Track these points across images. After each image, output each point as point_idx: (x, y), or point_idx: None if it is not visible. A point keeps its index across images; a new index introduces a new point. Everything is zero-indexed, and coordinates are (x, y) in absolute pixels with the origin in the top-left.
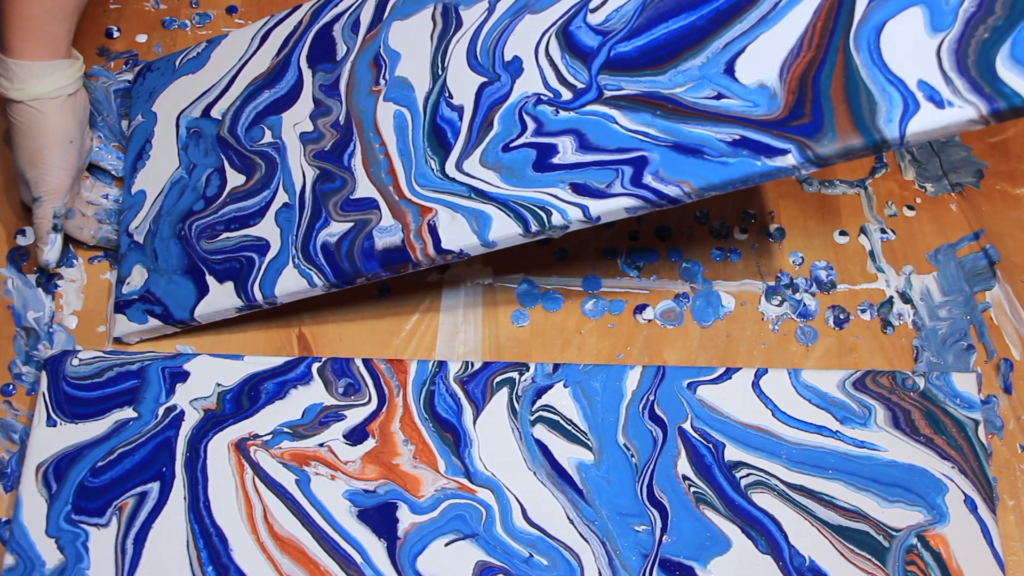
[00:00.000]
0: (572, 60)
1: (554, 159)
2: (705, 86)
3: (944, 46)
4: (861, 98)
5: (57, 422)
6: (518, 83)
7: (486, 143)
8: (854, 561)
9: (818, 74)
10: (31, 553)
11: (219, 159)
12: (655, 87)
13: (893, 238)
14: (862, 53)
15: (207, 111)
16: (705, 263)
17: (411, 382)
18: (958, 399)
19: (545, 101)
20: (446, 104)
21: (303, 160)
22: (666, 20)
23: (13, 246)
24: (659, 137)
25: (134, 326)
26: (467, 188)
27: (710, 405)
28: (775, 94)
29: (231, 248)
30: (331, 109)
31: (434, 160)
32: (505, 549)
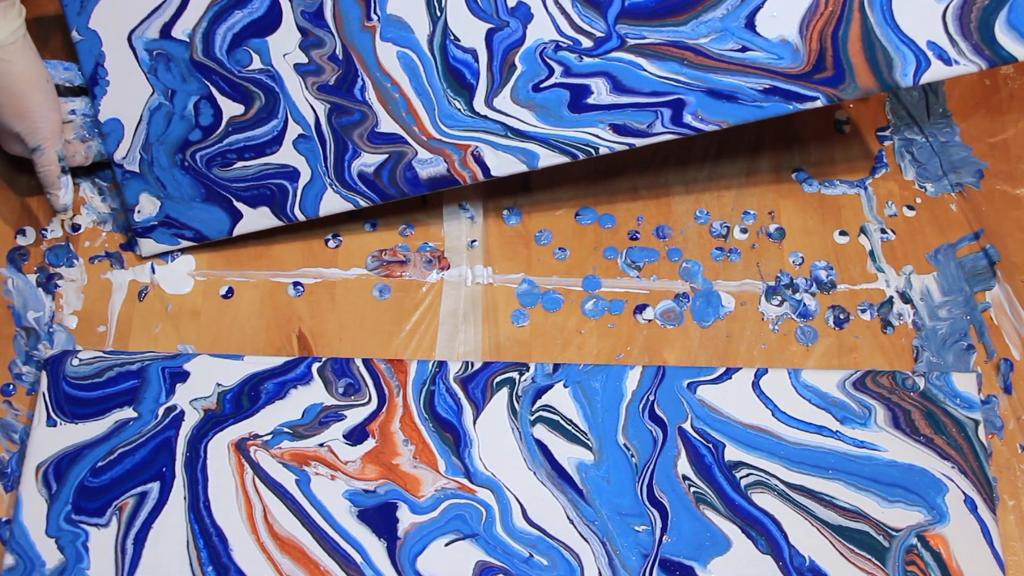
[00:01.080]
0: (585, 9)
1: (589, 99)
2: (728, 39)
3: (949, 11)
4: (878, 55)
5: (57, 422)
6: (530, 28)
7: (514, 81)
8: (854, 561)
9: (836, 31)
10: (31, 553)
11: (203, 85)
12: (679, 36)
13: (893, 238)
14: (875, 13)
15: (166, 31)
16: (705, 263)
17: (411, 382)
18: (958, 399)
19: (565, 48)
20: (455, 47)
21: (307, 93)
22: None
23: (13, 246)
24: (691, 83)
25: (163, 247)
26: (502, 126)
27: (710, 405)
28: (797, 49)
29: (254, 176)
30: (323, 41)
31: (459, 100)
32: (505, 549)
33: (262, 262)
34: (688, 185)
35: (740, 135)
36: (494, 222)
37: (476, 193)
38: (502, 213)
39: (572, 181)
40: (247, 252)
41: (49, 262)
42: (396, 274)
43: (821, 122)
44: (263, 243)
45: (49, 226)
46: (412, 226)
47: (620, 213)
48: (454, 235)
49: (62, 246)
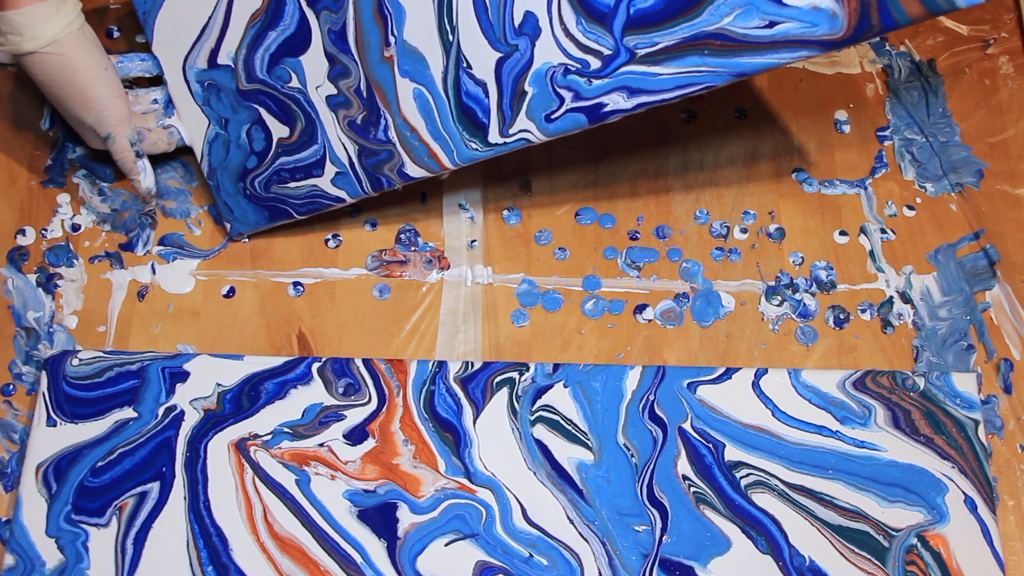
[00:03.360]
0: (590, 25)
1: (606, 109)
2: (754, 14)
3: None
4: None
5: (57, 422)
6: (538, 48)
7: (526, 105)
8: (854, 561)
9: None
10: (31, 553)
11: (253, 111)
12: (695, 29)
13: (893, 238)
14: None
15: (213, 60)
16: (705, 263)
17: (411, 382)
18: (958, 399)
19: (574, 71)
20: (467, 77)
21: (339, 131)
22: None
23: (13, 246)
24: (717, 70)
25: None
26: (523, 140)
27: (710, 405)
28: (835, 14)
29: (307, 194)
30: (349, 71)
31: (475, 141)
32: (505, 549)
33: (262, 262)
34: (688, 185)
35: (740, 135)
36: (494, 222)
37: (476, 193)
38: (502, 213)
39: (572, 181)
40: (247, 252)
41: (49, 262)
42: (396, 274)
43: (821, 122)
44: (263, 243)
45: (49, 226)
46: (413, 228)
47: (620, 213)
48: (454, 235)
49: (62, 246)
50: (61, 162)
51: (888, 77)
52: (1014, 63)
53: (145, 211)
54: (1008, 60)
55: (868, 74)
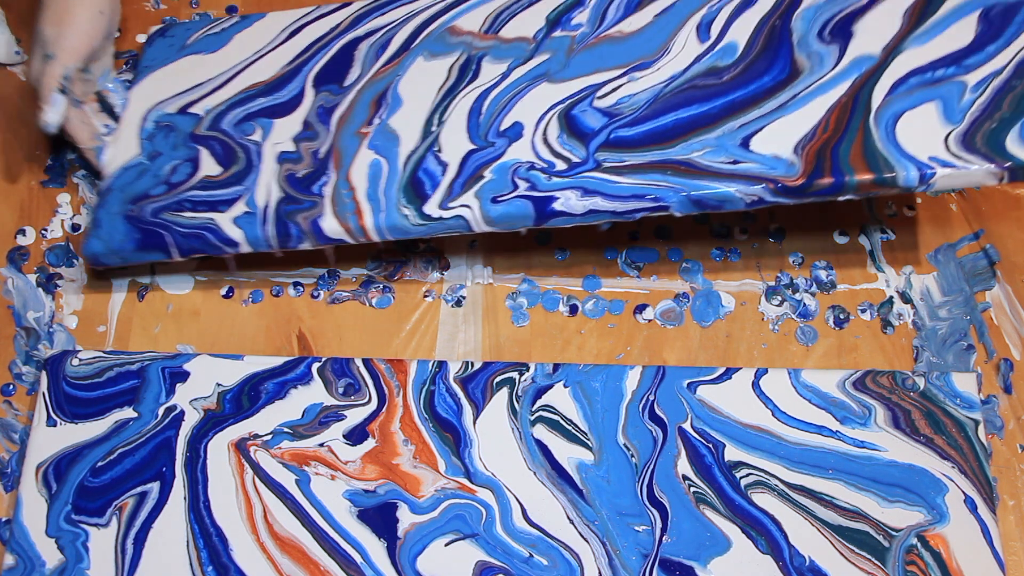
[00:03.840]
0: (568, 139)
1: (557, 205)
2: (721, 153)
3: (952, 136)
4: (880, 165)
5: (57, 422)
6: (512, 148)
7: (476, 188)
8: (854, 561)
9: (836, 147)
10: (31, 553)
11: (194, 151)
12: (664, 156)
13: (893, 238)
14: (880, 130)
15: (184, 108)
16: (705, 263)
17: (411, 382)
18: (958, 399)
19: (538, 168)
20: (433, 157)
21: (273, 181)
22: (676, 111)
23: (13, 246)
24: (673, 188)
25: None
26: (460, 220)
27: (710, 405)
28: (793, 163)
29: (195, 227)
30: (317, 136)
31: (409, 209)
32: (505, 549)
33: (262, 262)
34: None
35: None
36: None
37: None
38: None
39: None
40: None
41: (49, 262)
42: (396, 274)
43: None
44: None
45: (49, 226)
46: None
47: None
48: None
49: (62, 246)
50: (61, 162)
51: None
52: None
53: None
54: None
55: None
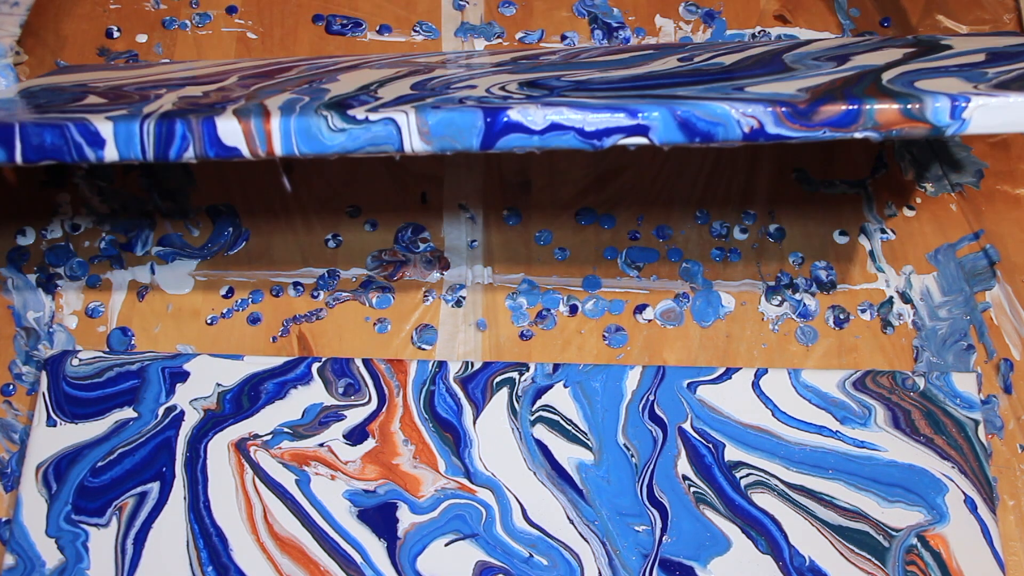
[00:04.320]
0: (529, 88)
1: (509, 114)
2: (714, 92)
3: (980, 85)
4: (903, 96)
5: (57, 422)
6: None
7: (414, 105)
8: (854, 561)
9: (849, 88)
10: (31, 553)
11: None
12: (646, 91)
13: (893, 238)
14: (896, 84)
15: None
16: (705, 263)
17: (411, 382)
18: (958, 399)
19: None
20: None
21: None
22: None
23: (13, 246)
24: (657, 105)
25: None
26: (390, 122)
27: (710, 405)
28: (799, 93)
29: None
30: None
31: (329, 110)
32: (505, 549)
33: (262, 262)
34: (688, 185)
35: None
36: (494, 222)
37: (476, 194)
38: (502, 213)
39: (572, 181)
40: (247, 252)
41: (49, 262)
42: (396, 274)
43: None
44: (263, 243)
45: (49, 226)
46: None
47: (620, 213)
48: (454, 235)
49: (62, 246)
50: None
51: None
52: None
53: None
54: None
55: None
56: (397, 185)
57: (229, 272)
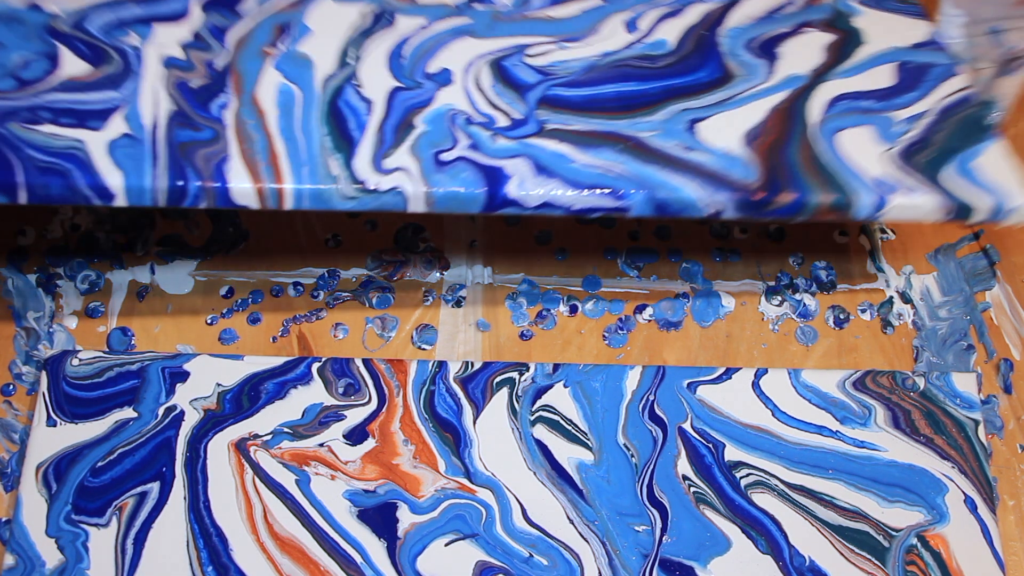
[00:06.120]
0: (504, 89)
1: (510, 185)
2: (671, 138)
3: (891, 155)
4: (834, 180)
5: (57, 422)
6: (441, 93)
7: (411, 140)
8: (854, 561)
9: (785, 149)
10: (31, 553)
11: (51, 46)
12: (612, 128)
13: (893, 238)
14: (824, 143)
15: (34, 4)
16: (705, 263)
17: (411, 382)
18: (958, 399)
19: (477, 124)
20: (352, 89)
21: (160, 86)
22: (614, 82)
23: (13, 246)
24: (632, 179)
25: None
26: (397, 195)
27: (710, 405)
28: (748, 163)
29: (53, 152)
30: (211, 48)
31: (337, 159)
32: (505, 549)
33: (262, 262)
34: None
35: None
36: (494, 222)
37: None
38: None
39: None
40: (247, 252)
41: (49, 262)
42: (396, 274)
43: None
44: (263, 243)
45: (49, 226)
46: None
47: None
48: (454, 235)
49: (62, 246)
50: None
51: None
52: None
53: (144, 212)
54: None
55: None
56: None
57: (229, 272)
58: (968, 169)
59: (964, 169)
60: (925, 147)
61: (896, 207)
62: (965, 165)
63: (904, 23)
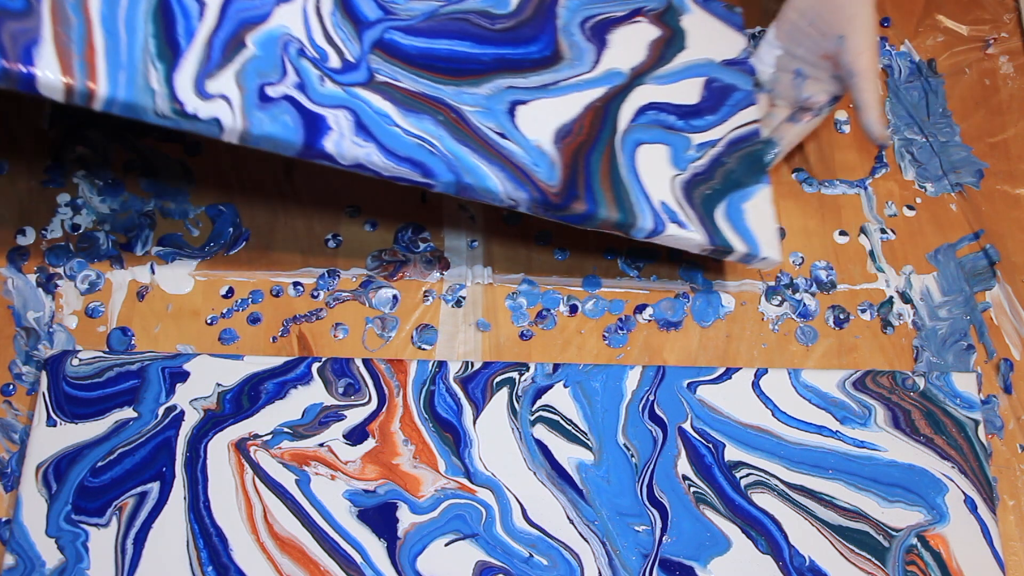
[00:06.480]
0: (343, 21)
1: (328, 137)
2: (491, 118)
3: (677, 182)
4: (623, 193)
5: (57, 422)
6: (279, 10)
7: (240, 63)
8: (854, 561)
9: (589, 155)
10: (31, 553)
11: None
12: (438, 93)
13: (893, 238)
14: (624, 155)
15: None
16: (705, 263)
17: (411, 382)
18: (958, 399)
19: (309, 58)
20: None
21: None
22: (450, 38)
23: (13, 246)
24: (444, 159)
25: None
26: (214, 123)
27: (710, 405)
28: (554, 163)
29: None
30: None
31: (159, 68)
32: (505, 549)
33: (262, 262)
34: None
35: None
36: (494, 222)
37: None
38: (502, 213)
39: None
40: (247, 252)
41: (49, 262)
42: (396, 274)
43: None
44: (263, 243)
45: (49, 226)
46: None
47: None
48: (454, 235)
49: (62, 246)
50: (61, 162)
51: (888, 77)
52: (1014, 63)
53: (144, 212)
54: (1008, 60)
55: None
56: (397, 185)
57: (229, 272)
58: (737, 209)
59: (734, 209)
60: (707, 180)
61: (668, 236)
62: (736, 205)
63: (723, 34)
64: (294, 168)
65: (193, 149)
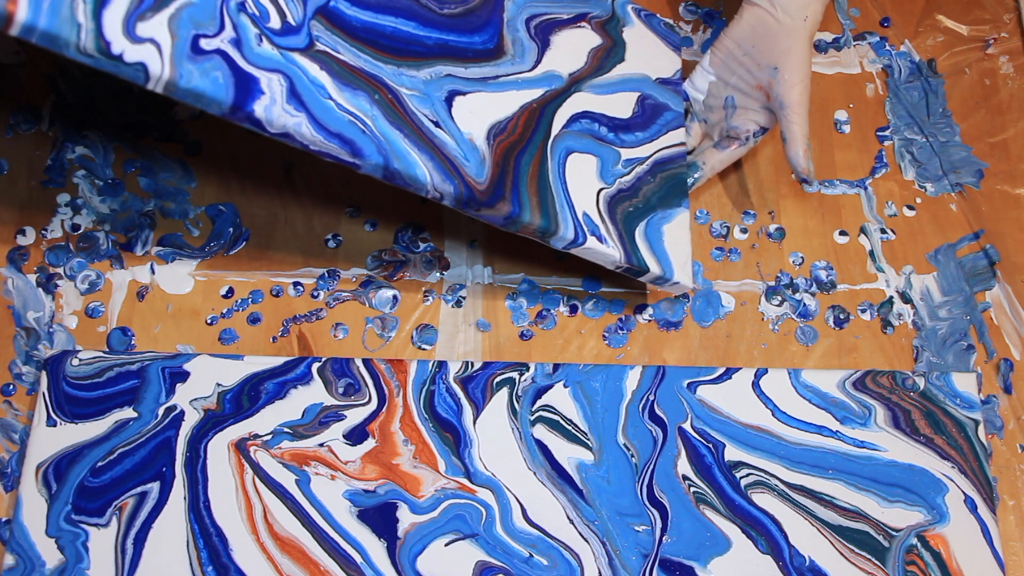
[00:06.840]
0: None
1: (258, 102)
2: (427, 104)
3: (602, 196)
4: (548, 201)
5: (57, 422)
6: None
7: (176, 10)
8: (854, 561)
9: (520, 157)
10: (31, 553)
11: None
12: (376, 70)
13: (893, 238)
14: (554, 161)
15: None
16: (705, 263)
17: (411, 382)
18: (958, 399)
19: (249, 14)
20: None
21: None
22: (397, 16)
23: (13, 246)
24: (374, 141)
25: None
26: (139, 68)
27: (710, 405)
28: (484, 159)
29: None
30: None
31: (87, 4)
32: (505, 549)
33: (262, 262)
34: None
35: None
36: None
37: None
38: None
39: None
40: (247, 252)
41: (49, 262)
42: (396, 274)
43: (821, 122)
44: (263, 243)
45: (49, 226)
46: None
47: None
48: (454, 235)
49: (62, 246)
50: (61, 162)
51: (888, 77)
52: (1014, 63)
53: (144, 212)
54: (1008, 60)
55: (868, 74)
56: (397, 185)
57: (229, 272)
58: (657, 231)
59: (653, 230)
60: (630, 197)
61: (586, 249)
62: (655, 226)
63: (661, 52)
64: (294, 168)
65: (193, 149)
